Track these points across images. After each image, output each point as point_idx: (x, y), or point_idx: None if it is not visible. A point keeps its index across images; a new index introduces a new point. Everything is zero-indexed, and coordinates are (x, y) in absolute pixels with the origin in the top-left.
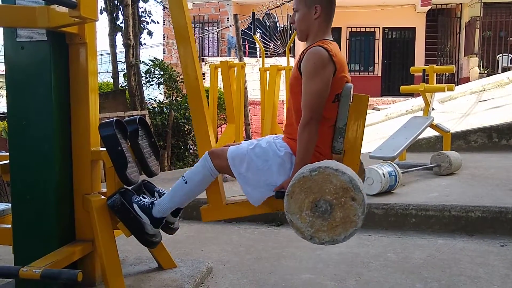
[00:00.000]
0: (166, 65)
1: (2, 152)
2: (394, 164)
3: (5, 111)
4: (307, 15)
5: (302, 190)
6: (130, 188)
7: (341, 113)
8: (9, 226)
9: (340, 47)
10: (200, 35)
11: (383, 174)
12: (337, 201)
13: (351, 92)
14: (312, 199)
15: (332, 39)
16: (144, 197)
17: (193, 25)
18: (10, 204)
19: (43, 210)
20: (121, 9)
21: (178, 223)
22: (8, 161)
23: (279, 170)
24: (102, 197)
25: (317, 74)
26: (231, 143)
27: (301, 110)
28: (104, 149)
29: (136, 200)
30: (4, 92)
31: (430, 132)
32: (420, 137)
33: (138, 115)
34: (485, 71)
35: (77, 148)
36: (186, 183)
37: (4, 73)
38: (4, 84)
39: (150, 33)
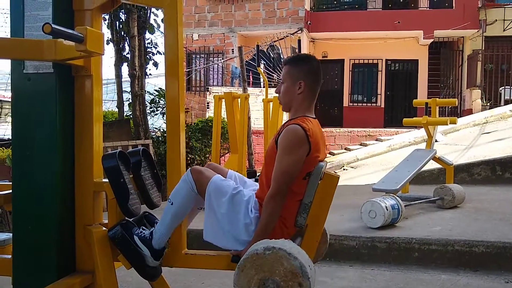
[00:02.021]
0: None
1: (5, 181)
2: (397, 197)
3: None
4: (291, 89)
5: (253, 266)
6: (131, 219)
7: (309, 190)
8: (9, 256)
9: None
10: (205, 66)
11: (386, 207)
12: (285, 284)
13: (322, 172)
14: (261, 277)
15: (313, 116)
16: (144, 229)
17: (198, 56)
18: (11, 234)
19: (44, 240)
20: (128, 40)
21: (160, 268)
22: (10, 191)
23: (243, 229)
24: (104, 228)
25: (290, 153)
26: (217, 165)
27: (271, 181)
28: (107, 180)
29: (136, 232)
30: (10, 119)
31: (433, 165)
32: (423, 169)
33: (142, 144)
34: (488, 104)
35: (80, 179)
36: (172, 204)
37: (10, 100)
38: (10, 111)
39: (155, 64)
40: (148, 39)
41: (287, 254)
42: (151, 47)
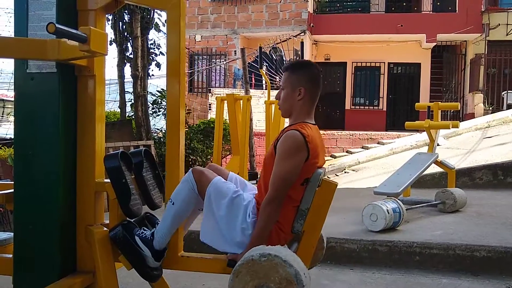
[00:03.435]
0: None
1: (7, 180)
2: (399, 201)
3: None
4: (291, 95)
5: (249, 273)
6: (132, 220)
7: (307, 197)
8: (10, 256)
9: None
10: (208, 67)
11: (387, 210)
12: None
13: (320, 178)
14: (256, 284)
15: (313, 122)
16: (145, 230)
17: (200, 57)
18: (12, 234)
19: (45, 240)
20: (131, 41)
21: (161, 268)
22: (12, 190)
23: (239, 233)
24: (105, 229)
25: (288, 158)
26: (219, 167)
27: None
28: (109, 180)
29: (138, 232)
30: (12, 118)
31: (434, 168)
32: (424, 173)
33: (143, 145)
34: (490, 108)
35: (81, 179)
36: (173, 204)
37: (13, 99)
38: (13, 110)
39: (158, 65)
40: (151, 40)
41: (282, 261)
42: (154, 48)
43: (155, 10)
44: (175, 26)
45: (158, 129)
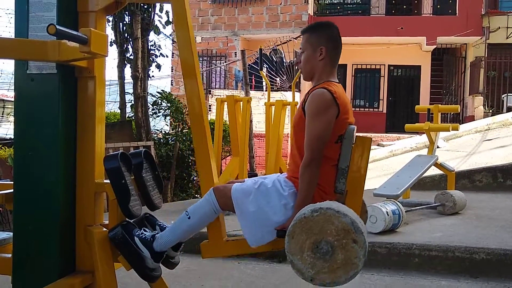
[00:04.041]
0: (173, 97)
1: (7, 180)
2: (398, 203)
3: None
4: (312, 56)
5: (303, 231)
6: (132, 221)
7: (344, 154)
8: (9, 255)
9: (345, 83)
10: (208, 68)
11: (387, 212)
12: (339, 243)
13: (354, 134)
14: (313, 240)
15: (337, 81)
16: (145, 230)
17: (201, 58)
18: (11, 233)
19: (45, 240)
20: (131, 42)
21: (178, 257)
22: (12, 190)
23: (282, 210)
24: (104, 229)
25: (319, 116)
26: (235, 180)
27: (303, 150)
28: (108, 181)
29: (137, 233)
30: (12, 118)
31: (434, 171)
32: (424, 175)
33: (143, 146)
34: (490, 111)
35: (81, 179)
36: (189, 218)
37: (13, 99)
38: (13, 111)
39: (158, 66)
40: (152, 41)
41: (335, 212)
42: (154, 49)
43: (155, 12)
44: (183, 19)
45: (158, 130)
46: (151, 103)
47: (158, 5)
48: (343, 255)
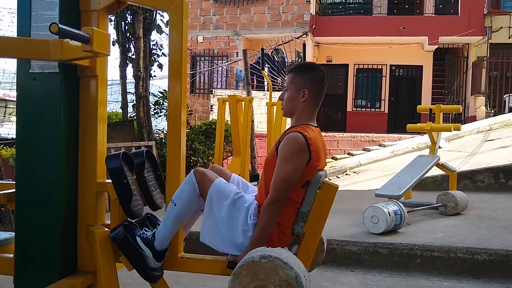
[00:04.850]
0: None
1: (9, 180)
2: (400, 203)
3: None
4: (294, 97)
5: (249, 274)
6: (133, 221)
7: (307, 199)
8: (11, 255)
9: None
10: (210, 68)
11: (389, 213)
12: None
13: (321, 181)
14: (256, 285)
15: (315, 125)
16: (147, 230)
17: (202, 58)
18: (13, 233)
19: (46, 240)
20: (133, 42)
21: None
22: (13, 190)
23: (240, 235)
24: (106, 229)
25: (290, 160)
26: (222, 168)
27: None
28: (110, 180)
29: (139, 233)
30: (14, 118)
31: (436, 171)
32: (426, 175)
33: (145, 145)
34: (492, 111)
35: (83, 179)
36: (175, 205)
37: (15, 99)
38: (15, 110)
39: (160, 66)
40: (153, 40)
41: (283, 263)
42: (156, 49)
43: (157, 12)
44: (178, 28)
45: (159, 130)
46: (153, 103)
47: None
48: None
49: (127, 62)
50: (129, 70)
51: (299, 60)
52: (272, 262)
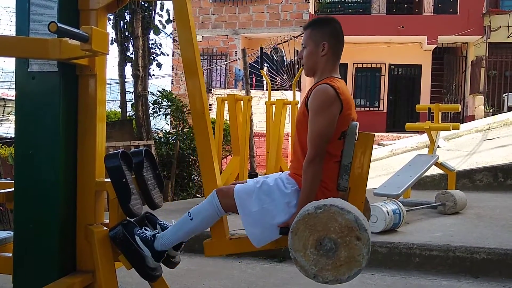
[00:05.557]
0: (173, 96)
1: (7, 179)
2: (399, 202)
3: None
4: (314, 52)
5: (307, 228)
6: (132, 220)
7: (347, 151)
8: (10, 254)
9: (346, 82)
10: (208, 67)
11: (387, 212)
12: (342, 240)
13: (357, 130)
14: (316, 237)
15: (340, 77)
16: (146, 230)
17: (201, 57)
18: (12, 232)
19: (45, 239)
20: (132, 41)
21: (179, 257)
22: (12, 189)
23: (285, 209)
24: (105, 228)
25: (323, 112)
26: (237, 181)
27: (306, 146)
28: (109, 180)
29: (138, 232)
30: (13, 117)
31: (435, 170)
32: (425, 175)
33: (144, 145)
34: (491, 110)
35: (82, 178)
36: (191, 219)
37: (14, 98)
38: (14, 109)
39: (159, 65)
40: (152, 39)
41: (339, 209)
42: (155, 48)
43: (156, 11)
44: (184, 16)
45: (158, 129)
46: (152, 102)
47: (159, 3)
48: (347, 252)
49: (126, 61)
50: (128, 69)
51: (299, 60)
52: (328, 210)
